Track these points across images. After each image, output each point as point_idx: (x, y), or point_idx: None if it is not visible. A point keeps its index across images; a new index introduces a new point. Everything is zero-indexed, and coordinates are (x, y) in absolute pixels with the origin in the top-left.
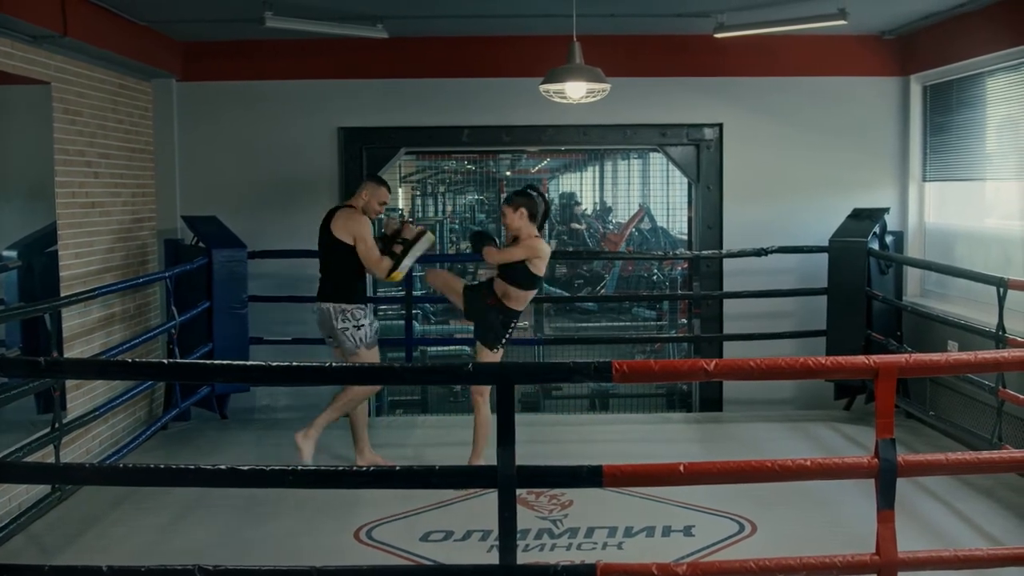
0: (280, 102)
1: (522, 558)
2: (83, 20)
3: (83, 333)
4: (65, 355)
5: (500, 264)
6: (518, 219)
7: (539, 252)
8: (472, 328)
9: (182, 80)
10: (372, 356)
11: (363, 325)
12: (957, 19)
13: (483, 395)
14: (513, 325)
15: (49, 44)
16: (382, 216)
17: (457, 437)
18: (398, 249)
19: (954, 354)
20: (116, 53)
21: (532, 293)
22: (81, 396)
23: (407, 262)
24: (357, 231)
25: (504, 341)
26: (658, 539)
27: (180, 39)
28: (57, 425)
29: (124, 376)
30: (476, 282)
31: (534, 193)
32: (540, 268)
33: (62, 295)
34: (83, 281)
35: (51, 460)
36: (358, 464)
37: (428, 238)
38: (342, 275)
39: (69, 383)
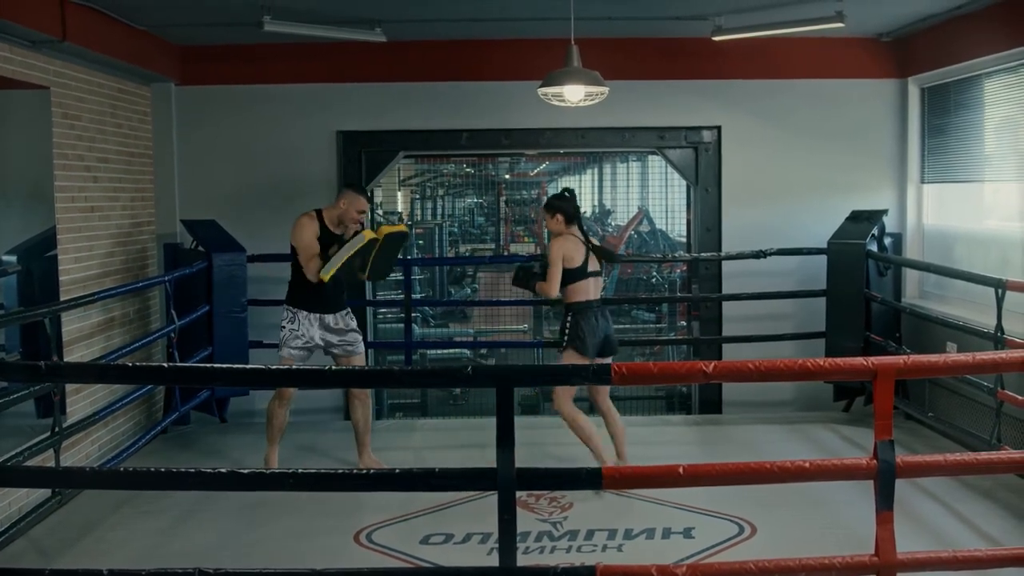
0: (279, 106)
1: (522, 560)
2: (82, 25)
3: (83, 337)
4: (65, 359)
5: (552, 280)
6: (555, 223)
7: (561, 252)
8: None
9: (181, 84)
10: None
11: (283, 327)
12: (954, 21)
13: (556, 403)
14: (587, 318)
15: (48, 49)
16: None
17: (457, 440)
18: (332, 250)
19: (952, 355)
20: (115, 58)
21: (585, 282)
22: (81, 400)
23: (334, 260)
24: (295, 238)
25: (567, 338)
26: (658, 541)
27: (179, 43)
28: (57, 429)
29: (124, 380)
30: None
31: (567, 196)
32: (572, 260)
33: (62, 299)
34: (83, 285)
35: (51, 464)
36: (359, 467)
37: (361, 236)
38: (291, 277)
39: (69, 387)
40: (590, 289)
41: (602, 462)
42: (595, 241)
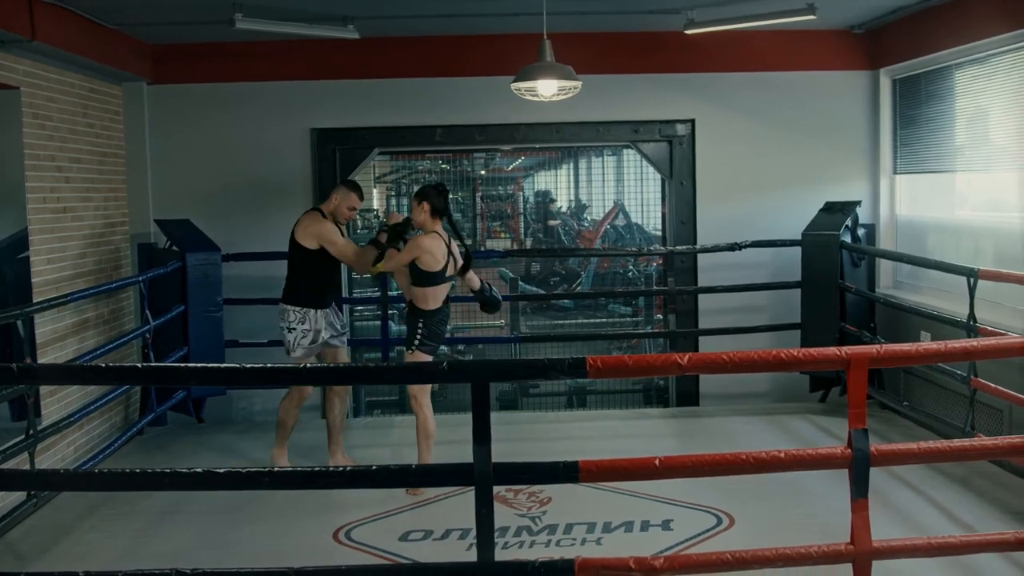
0: (252, 104)
1: (501, 555)
2: (52, 24)
3: (56, 339)
4: (38, 361)
5: (392, 262)
6: (420, 213)
7: (423, 250)
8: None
9: (153, 83)
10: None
11: (294, 329)
12: (925, 12)
13: (417, 399)
14: (423, 325)
15: (17, 48)
16: (384, 221)
17: (436, 436)
18: (382, 238)
19: (924, 344)
20: (86, 57)
21: (436, 289)
22: (56, 403)
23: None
24: (322, 234)
25: (418, 342)
26: (637, 534)
27: (151, 42)
28: (31, 432)
29: (98, 381)
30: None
31: (441, 189)
32: (431, 263)
33: (34, 301)
34: (56, 287)
35: (26, 467)
36: (331, 464)
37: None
38: (294, 277)
39: (43, 389)
40: (440, 295)
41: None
42: (457, 246)
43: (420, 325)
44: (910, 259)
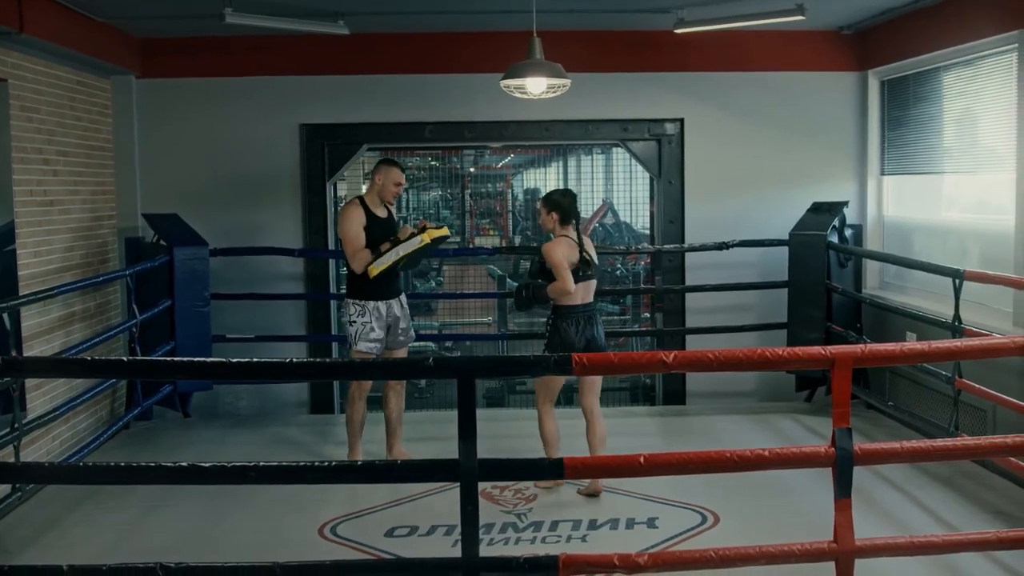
0: (241, 99)
1: (486, 552)
2: (40, 17)
3: (43, 332)
4: (24, 354)
5: (565, 278)
6: (549, 220)
7: (554, 256)
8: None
9: (142, 77)
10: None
11: (355, 322)
12: (913, 15)
13: (537, 395)
14: (569, 323)
15: (5, 41)
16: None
17: (422, 433)
18: (385, 247)
19: (909, 344)
20: (74, 50)
21: (575, 286)
22: (41, 396)
23: (386, 258)
24: (339, 226)
25: (562, 341)
26: (622, 531)
27: (140, 35)
28: (16, 425)
29: (84, 374)
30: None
31: (569, 194)
32: (568, 263)
33: (21, 294)
34: (42, 280)
35: (11, 460)
36: (389, 459)
37: (418, 239)
38: (347, 270)
39: (29, 383)
40: (578, 294)
41: None
42: (589, 245)
43: (550, 323)
44: (896, 260)
